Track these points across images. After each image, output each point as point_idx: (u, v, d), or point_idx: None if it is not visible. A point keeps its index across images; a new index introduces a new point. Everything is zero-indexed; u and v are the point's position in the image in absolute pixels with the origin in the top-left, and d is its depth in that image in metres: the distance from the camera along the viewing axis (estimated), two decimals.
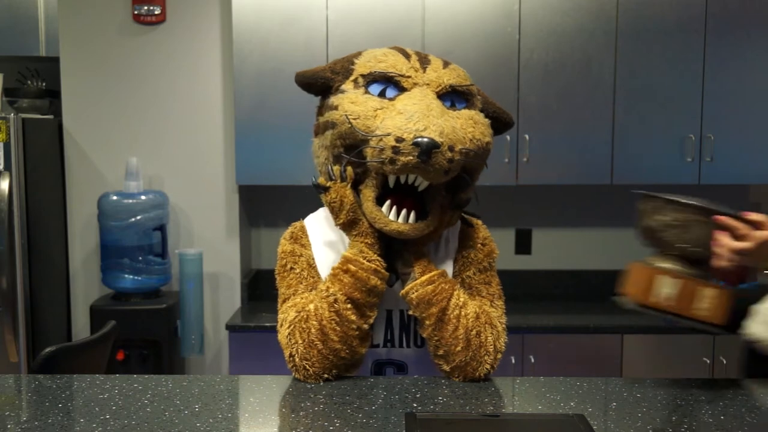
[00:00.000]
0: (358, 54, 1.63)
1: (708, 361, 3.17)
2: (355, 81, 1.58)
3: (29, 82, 3.64)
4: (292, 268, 1.69)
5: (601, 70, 3.30)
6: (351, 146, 1.54)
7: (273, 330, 3.18)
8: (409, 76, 1.55)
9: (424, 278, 1.53)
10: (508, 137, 3.29)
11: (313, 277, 1.66)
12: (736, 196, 3.73)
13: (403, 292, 1.56)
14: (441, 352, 1.56)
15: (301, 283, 1.67)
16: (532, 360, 3.17)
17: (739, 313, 1.56)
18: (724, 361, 3.16)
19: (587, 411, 1.42)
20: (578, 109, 3.32)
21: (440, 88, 1.56)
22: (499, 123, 1.68)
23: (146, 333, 3.29)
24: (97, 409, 1.44)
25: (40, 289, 3.33)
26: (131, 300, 3.38)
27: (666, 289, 1.48)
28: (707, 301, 1.48)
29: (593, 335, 3.18)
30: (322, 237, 1.68)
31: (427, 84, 1.55)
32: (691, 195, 1.59)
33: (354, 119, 1.51)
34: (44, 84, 3.64)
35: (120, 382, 1.59)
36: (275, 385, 1.58)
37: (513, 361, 3.17)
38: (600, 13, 3.28)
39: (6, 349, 3.13)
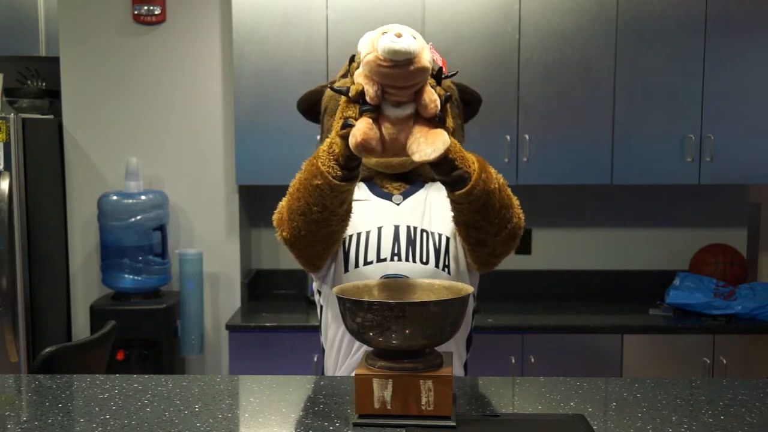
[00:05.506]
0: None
1: (708, 361, 3.17)
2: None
3: (29, 82, 3.64)
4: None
5: (601, 70, 3.30)
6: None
7: (273, 330, 3.20)
8: None
9: (474, 177, 1.45)
10: (508, 137, 3.29)
11: None
12: (736, 196, 3.73)
13: (465, 191, 1.46)
14: (501, 224, 1.54)
15: None
16: (532, 360, 3.17)
17: None
18: (724, 361, 3.16)
19: (587, 411, 1.42)
20: (578, 109, 3.32)
21: None
22: (466, 101, 1.88)
23: (146, 333, 3.29)
24: (97, 409, 1.44)
25: (40, 289, 3.33)
26: (131, 300, 3.38)
27: (381, 392, 1.31)
28: (426, 395, 1.31)
29: (593, 335, 3.18)
30: None
31: None
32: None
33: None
34: (44, 84, 3.64)
35: (120, 382, 1.59)
36: (275, 385, 1.58)
37: (513, 361, 3.17)
38: (600, 13, 3.28)
39: (6, 349, 3.13)
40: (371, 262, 1.70)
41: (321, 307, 1.83)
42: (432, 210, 1.79)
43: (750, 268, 3.79)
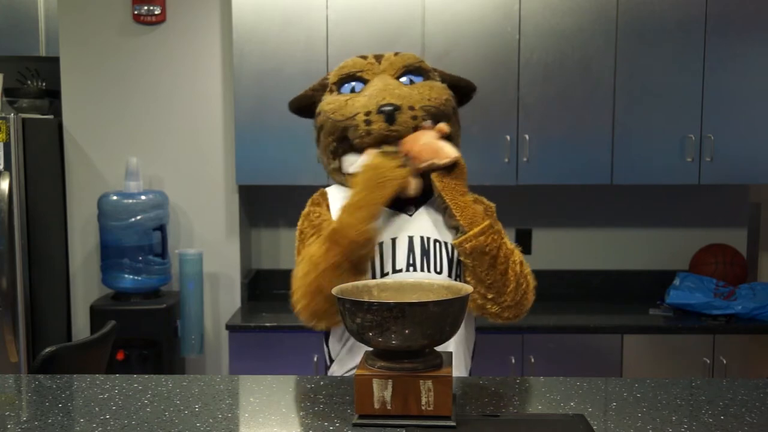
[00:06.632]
0: (330, 72, 2.00)
1: (708, 361, 3.17)
2: (330, 90, 1.92)
3: (29, 82, 3.64)
4: (310, 229, 1.81)
5: (601, 70, 3.30)
6: (339, 138, 1.84)
7: (273, 330, 3.20)
8: (368, 70, 1.88)
9: (476, 230, 1.69)
10: (508, 137, 3.29)
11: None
12: (736, 196, 3.73)
13: (456, 242, 1.71)
14: (491, 294, 1.70)
15: (314, 235, 1.78)
16: (532, 360, 3.17)
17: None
18: (724, 361, 3.16)
19: (587, 411, 1.42)
20: (578, 109, 3.32)
21: (396, 71, 1.87)
22: (460, 89, 1.95)
23: (146, 333, 3.29)
24: (97, 409, 1.44)
25: (40, 289, 3.33)
26: (131, 300, 3.38)
27: (381, 392, 1.32)
28: (426, 395, 1.32)
29: (593, 335, 3.18)
30: (341, 202, 1.79)
31: (384, 71, 1.88)
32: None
33: (332, 114, 1.84)
34: (44, 84, 3.64)
35: (120, 382, 1.59)
36: (275, 385, 1.58)
37: (513, 361, 3.17)
38: (600, 13, 3.28)
39: (6, 349, 3.13)
40: (387, 273, 1.72)
41: None
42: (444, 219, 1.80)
43: (750, 268, 3.79)
